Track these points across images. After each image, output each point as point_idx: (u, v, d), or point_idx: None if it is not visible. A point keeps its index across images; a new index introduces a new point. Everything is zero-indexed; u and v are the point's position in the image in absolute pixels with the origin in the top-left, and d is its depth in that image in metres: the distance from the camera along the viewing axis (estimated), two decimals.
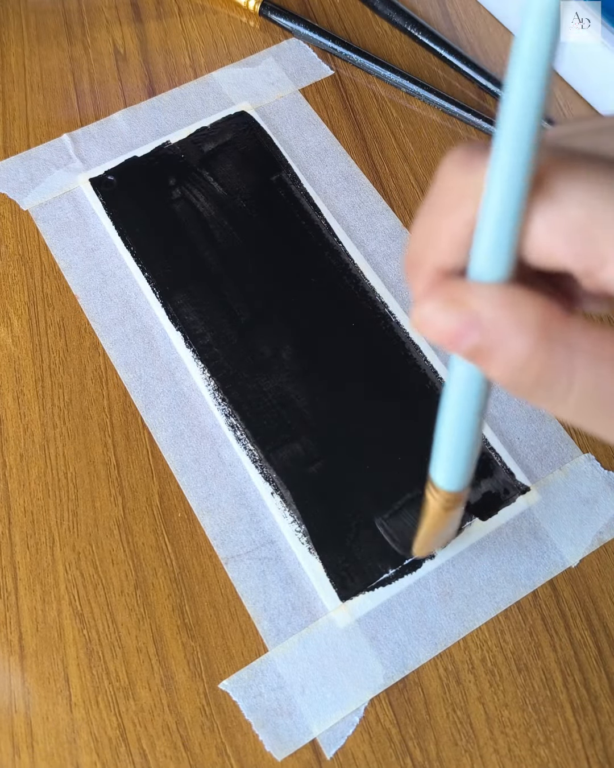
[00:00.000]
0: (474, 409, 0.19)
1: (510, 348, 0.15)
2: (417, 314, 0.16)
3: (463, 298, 0.15)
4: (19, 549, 0.31)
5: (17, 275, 0.37)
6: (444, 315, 0.15)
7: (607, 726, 0.29)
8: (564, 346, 0.15)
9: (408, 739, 0.28)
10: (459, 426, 0.19)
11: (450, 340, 0.15)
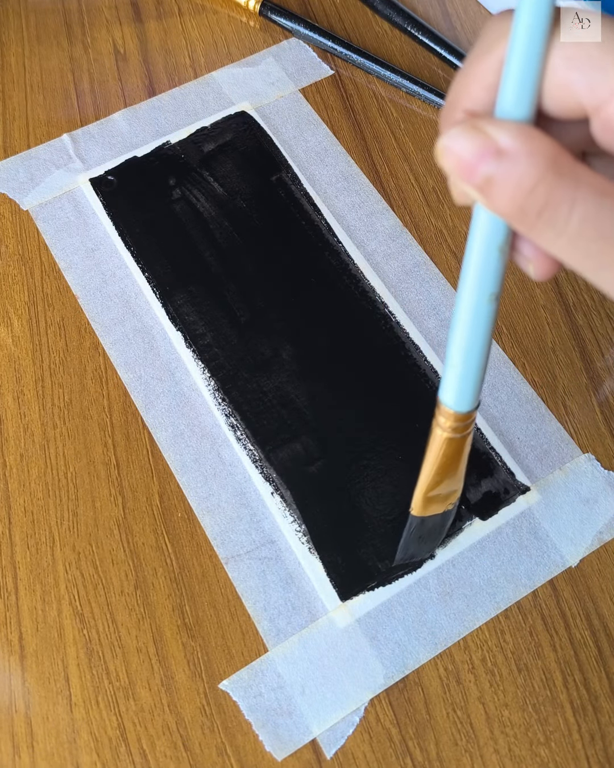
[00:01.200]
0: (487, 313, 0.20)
1: (521, 172, 0.16)
2: (440, 143, 0.17)
3: (485, 128, 0.16)
4: (19, 549, 0.31)
5: (17, 275, 0.37)
6: (465, 140, 0.16)
7: (607, 726, 0.29)
8: (571, 177, 0.16)
9: (408, 739, 0.28)
10: (474, 331, 0.20)
11: (468, 168, 0.16)
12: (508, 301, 0.36)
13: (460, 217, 0.38)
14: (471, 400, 0.23)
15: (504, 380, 0.34)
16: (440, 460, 0.25)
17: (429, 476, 0.26)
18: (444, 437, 0.24)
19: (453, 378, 0.22)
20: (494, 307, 0.20)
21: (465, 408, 0.23)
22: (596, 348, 0.35)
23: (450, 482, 0.27)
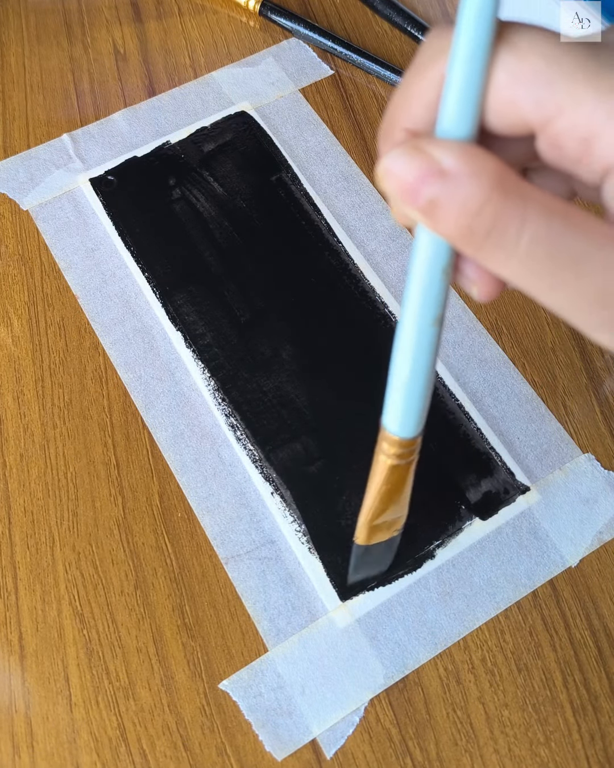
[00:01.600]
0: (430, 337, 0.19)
1: (466, 194, 0.15)
2: (381, 165, 0.16)
3: (427, 148, 0.16)
4: (19, 549, 0.31)
5: (17, 275, 0.37)
6: (407, 162, 0.16)
7: (607, 726, 0.29)
8: (518, 196, 0.15)
9: (408, 739, 0.28)
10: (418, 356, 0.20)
11: (410, 191, 0.16)
12: (508, 301, 0.36)
13: None
14: (415, 426, 0.22)
15: (504, 380, 0.34)
16: (384, 487, 0.25)
17: (372, 504, 0.26)
18: (388, 464, 0.24)
19: (397, 403, 0.21)
20: (437, 331, 0.19)
21: (409, 434, 0.22)
22: (596, 348, 0.35)
23: (394, 510, 0.26)
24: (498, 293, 0.18)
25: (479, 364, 0.35)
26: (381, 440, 0.23)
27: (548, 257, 0.15)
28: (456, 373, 0.34)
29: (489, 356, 0.35)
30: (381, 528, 0.27)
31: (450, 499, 0.32)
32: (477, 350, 0.35)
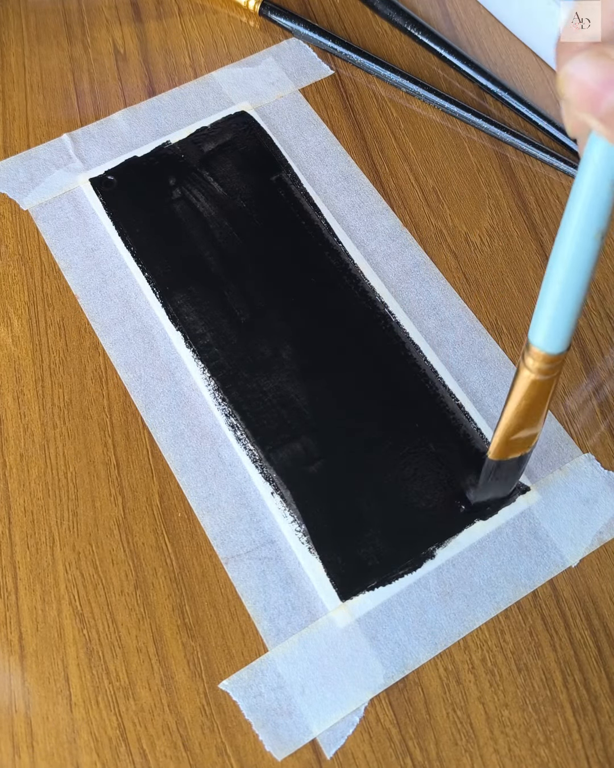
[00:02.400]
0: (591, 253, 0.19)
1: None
2: (563, 70, 0.16)
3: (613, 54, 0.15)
4: (19, 549, 0.31)
5: (17, 275, 0.37)
6: (591, 67, 0.15)
7: (607, 726, 0.29)
8: None
9: (408, 739, 0.28)
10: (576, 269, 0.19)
11: (593, 97, 0.15)
12: (508, 301, 0.36)
13: (460, 216, 0.38)
14: (563, 342, 0.22)
15: (505, 380, 0.34)
16: (524, 402, 0.24)
17: (511, 419, 0.25)
18: (531, 378, 0.23)
19: (546, 318, 0.21)
20: (599, 245, 0.19)
21: (556, 350, 0.22)
22: (596, 348, 0.35)
23: (531, 426, 0.26)
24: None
25: (479, 364, 0.35)
26: (526, 355, 0.23)
27: None
28: (456, 373, 0.34)
29: (489, 356, 0.35)
30: (516, 444, 0.27)
31: (450, 499, 0.32)
32: (477, 350, 0.35)
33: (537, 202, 0.39)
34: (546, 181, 0.39)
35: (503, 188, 0.39)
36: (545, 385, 0.24)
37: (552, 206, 0.39)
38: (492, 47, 0.43)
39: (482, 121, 0.40)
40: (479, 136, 0.41)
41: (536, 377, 0.23)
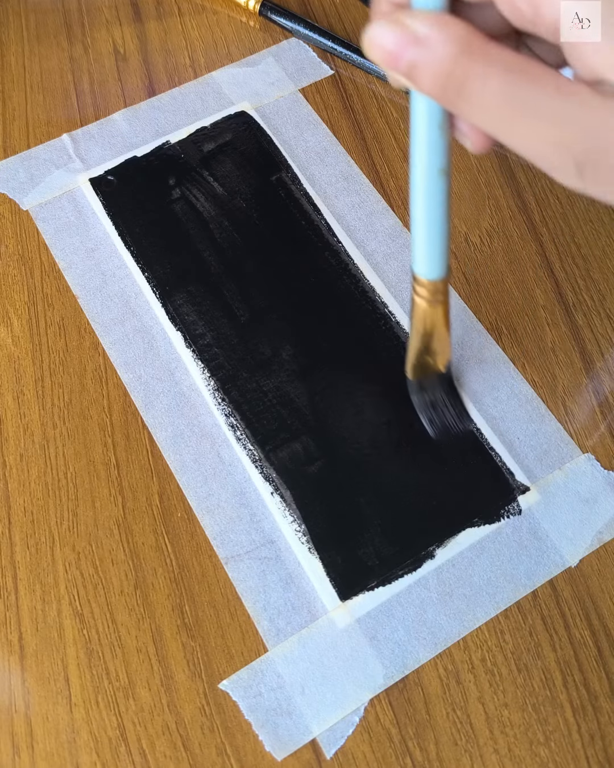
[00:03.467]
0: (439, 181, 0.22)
1: (439, 57, 0.18)
2: (367, 36, 0.19)
3: (404, 21, 0.18)
4: (19, 549, 0.31)
5: (17, 275, 0.37)
6: (387, 33, 0.19)
7: (607, 726, 0.29)
8: (482, 56, 0.18)
9: (408, 739, 0.28)
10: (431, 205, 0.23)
11: (392, 57, 0.19)
12: (508, 302, 0.36)
13: (460, 217, 0.38)
14: (440, 269, 0.26)
15: (504, 380, 0.34)
16: (423, 326, 0.29)
17: (414, 342, 0.30)
18: (423, 306, 0.27)
19: (420, 250, 0.25)
20: (445, 182, 0.22)
21: (434, 276, 0.26)
22: (596, 348, 0.35)
23: (436, 346, 0.30)
24: (488, 146, 0.21)
25: (479, 364, 0.35)
26: (414, 285, 0.27)
27: (508, 106, 0.18)
28: (456, 373, 0.34)
29: (489, 356, 0.35)
30: (425, 365, 0.31)
31: (449, 499, 0.32)
32: (477, 350, 0.35)
33: (537, 202, 0.39)
34: (546, 181, 0.39)
35: (503, 188, 0.39)
36: (437, 310, 0.28)
37: (552, 206, 0.39)
38: None
39: None
40: None
41: (425, 303, 0.27)
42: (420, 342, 0.30)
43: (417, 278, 0.27)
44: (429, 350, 0.30)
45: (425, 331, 0.29)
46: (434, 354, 0.31)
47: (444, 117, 0.21)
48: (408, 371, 0.32)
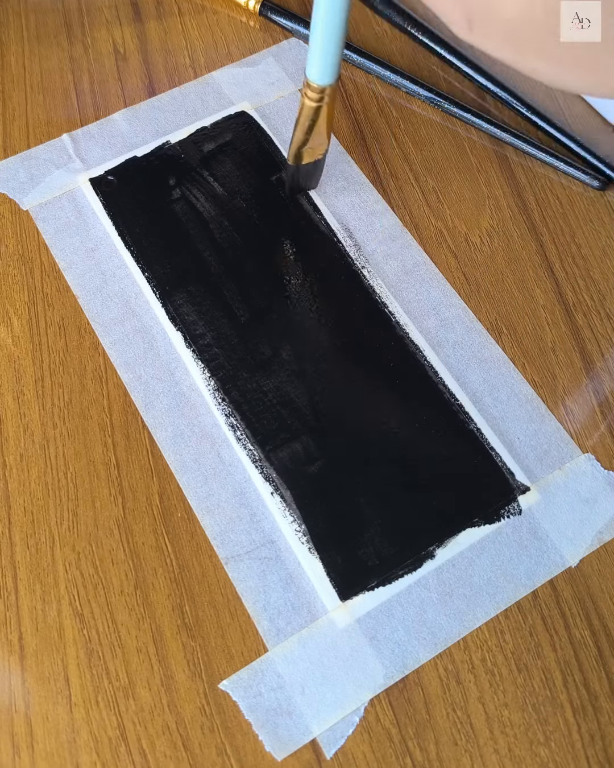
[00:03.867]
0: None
1: None
2: None
3: None
4: (19, 549, 0.31)
5: (17, 275, 0.37)
6: None
7: (607, 726, 0.29)
8: None
9: (408, 739, 0.28)
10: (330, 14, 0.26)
11: None
12: (508, 302, 0.36)
13: (460, 217, 0.38)
14: (331, 76, 0.30)
15: (504, 380, 0.34)
16: (307, 122, 0.33)
17: (298, 135, 0.34)
18: (310, 105, 0.31)
19: (314, 56, 0.29)
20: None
21: (323, 82, 0.30)
22: (596, 348, 0.35)
23: (315, 139, 0.34)
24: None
25: (479, 364, 0.35)
26: (305, 89, 0.31)
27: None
28: (456, 373, 0.34)
29: (489, 356, 0.35)
30: (305, 153, 0.35)
31: (449, 499, 0.32)
32: (477, 350, 0.35)
33: (537, 202, 0.39)
34: (546, 181, 0.39)
35: (503, 188, 0.39)
36: (319, 110, 0.32)
37: (552, 206, 0.39)
38: None
39: (482, 121, 0.40)
40: (479, 136, 0.41)
41: (312, 104, 0.31)
42: (303, 134, 0.34)
43: (309, 83, 0.30)
44: (307, 144, 0.34)
45: (309, 126, 0.33)
46: (312, 147, 0.35)
47: None
48: (290, 158, 0.35)
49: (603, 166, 0.39)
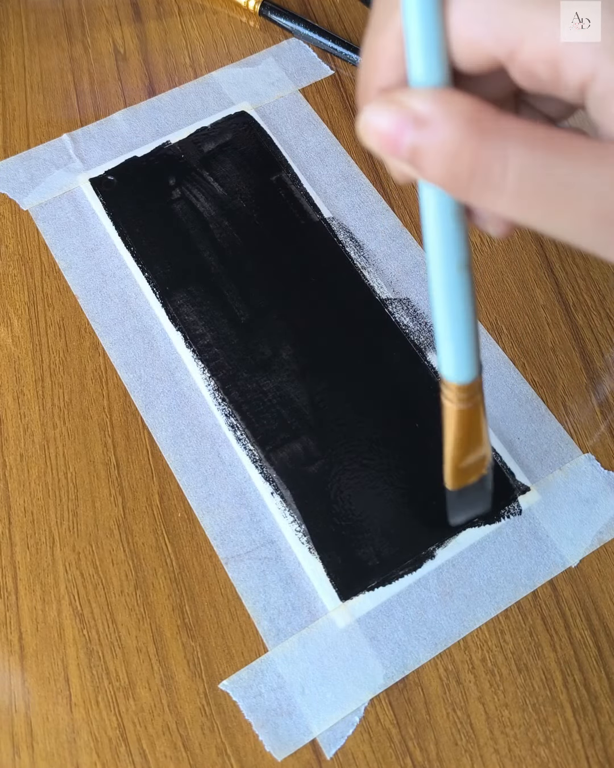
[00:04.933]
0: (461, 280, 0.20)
1: (444, 137, 0.15)
2: (361, 121, 0.17)
3: (401, 99, 0.16)
4: (19, 549, 0.31)
5: (17, 275, 0.37)
6: (384, 114, 0.16)
7: (607, 726, 0.29)
8: (496, 132, 0.15)
9: (408, 739, 0.28)
10: (453, 303, 0.20)
11: (391, 143, 0.16)
12: (508, 302, 0.36)
13: None
14: (471, 370, 0.23)
15: (504, 380, 0.34)
16: (458, 432, 0.25)
17: (452, 450, 0.26)
18: (455, 410, 0.24)
19: (446, 352, 0.22)
20: (466, 276, 0.20)
21: (465, 379, 0.23)
22: (596, 348, 0.35)
23: (475, 451, 0.27)
24: (513, 229, 0.19)
25: None
26: (443, 389, 0.24)
27: (538, 189, 0.15)
28: None
29: (489, 356, 0.35)
30: (467, 471, 0.28)
31: None
32: None
33: None
34: None
35: None
36: (472, 413, 0.25)
37: None
38: None
39: None
40: None
41: (458, 407, 0.24)
42: (459, 449, 0.26)
43: (447, 383, 0.23)
44: (469, 454, 0.27)
45: (463, 435, 0.25)
46: (476, 456, 0.27)
47: (458, 205, 0.18)
48: (450, 482, 0.28)
49: None
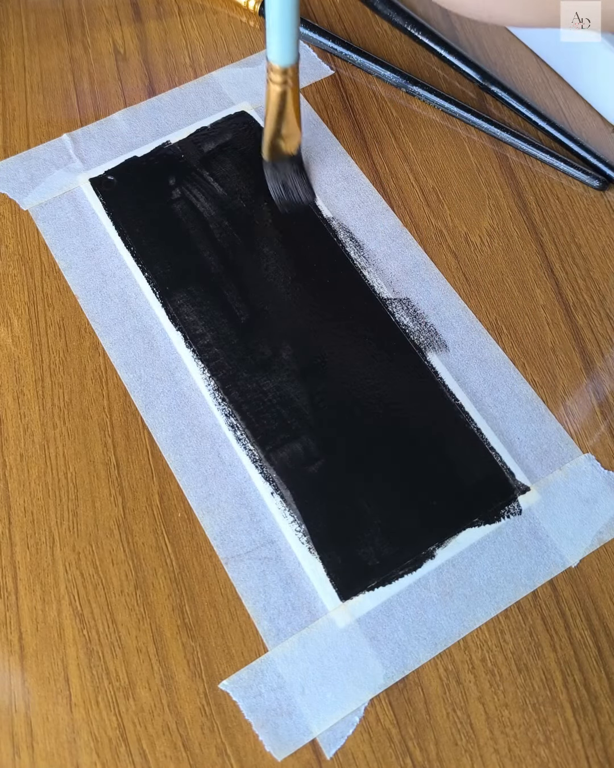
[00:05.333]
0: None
1: None
2: None
3: None
4: (19, 549, 0.31)
5: (17, 275, 0.37)
6: None
7: (607, 726, 0.29)
8: None
9: (408, 739, 0.28)
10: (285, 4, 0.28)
11: None
12: (508, 302, 0.36)
13: (460, 217, 0.38)
14: (290, 56, 0.30)
15: (504, 380, 0.34)
16: (273, 109, 0.33)
17: (269, 125, 0.34)
18: (276, 90, 0.32)
19: (273, 39, 0.30)
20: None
21: (285, 62, 0.31)
22: (596, 348, 0.35)
23: (287, 129, 0.34)
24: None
25: (479, 364, 0.35)
26: (269, 72, 0.31)
27: None
28: (456, 373, 0.34)
29: (489, 356, 0.35)
30: (277, 147, 0.35)
31: (450, 499, 0.32)
32: (477, 350, 0.35)
33: (537, 202, 0.39)
34: (546, 181, 0.39)
35: (503, 188, 0.39)
36: (285, 94, 0.32)
37: (552, 206, 0.39)
38: (492, 47, 0.43)
39: (482, 121, 0.40)
40: (479, 136, 0.41)
41: (279, 88, 0.32)
42: (273, 125, 0.34)
43: (271, 65, 0.31)
44: (280, 133, 0.34)
45: (277, 114, 0.33)
46: (285, 137, 0.35)
47: None
48: (264, 153, 0.36)
49: (603, 166, 0.39)
